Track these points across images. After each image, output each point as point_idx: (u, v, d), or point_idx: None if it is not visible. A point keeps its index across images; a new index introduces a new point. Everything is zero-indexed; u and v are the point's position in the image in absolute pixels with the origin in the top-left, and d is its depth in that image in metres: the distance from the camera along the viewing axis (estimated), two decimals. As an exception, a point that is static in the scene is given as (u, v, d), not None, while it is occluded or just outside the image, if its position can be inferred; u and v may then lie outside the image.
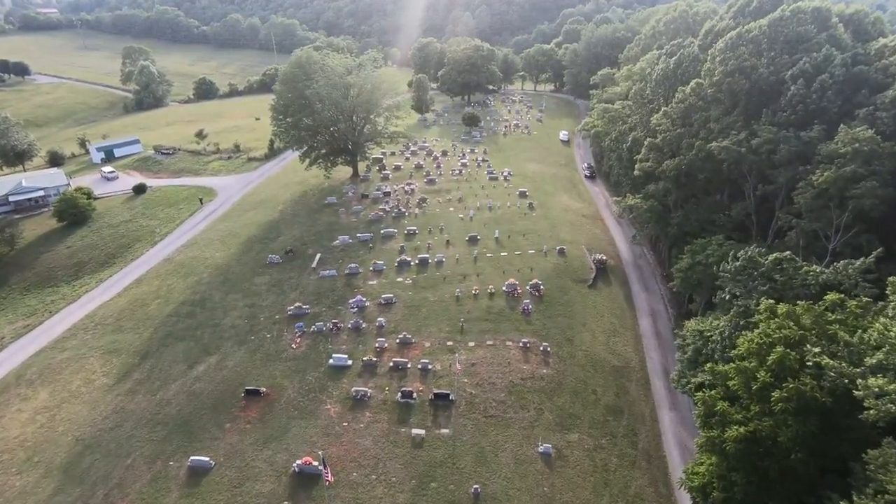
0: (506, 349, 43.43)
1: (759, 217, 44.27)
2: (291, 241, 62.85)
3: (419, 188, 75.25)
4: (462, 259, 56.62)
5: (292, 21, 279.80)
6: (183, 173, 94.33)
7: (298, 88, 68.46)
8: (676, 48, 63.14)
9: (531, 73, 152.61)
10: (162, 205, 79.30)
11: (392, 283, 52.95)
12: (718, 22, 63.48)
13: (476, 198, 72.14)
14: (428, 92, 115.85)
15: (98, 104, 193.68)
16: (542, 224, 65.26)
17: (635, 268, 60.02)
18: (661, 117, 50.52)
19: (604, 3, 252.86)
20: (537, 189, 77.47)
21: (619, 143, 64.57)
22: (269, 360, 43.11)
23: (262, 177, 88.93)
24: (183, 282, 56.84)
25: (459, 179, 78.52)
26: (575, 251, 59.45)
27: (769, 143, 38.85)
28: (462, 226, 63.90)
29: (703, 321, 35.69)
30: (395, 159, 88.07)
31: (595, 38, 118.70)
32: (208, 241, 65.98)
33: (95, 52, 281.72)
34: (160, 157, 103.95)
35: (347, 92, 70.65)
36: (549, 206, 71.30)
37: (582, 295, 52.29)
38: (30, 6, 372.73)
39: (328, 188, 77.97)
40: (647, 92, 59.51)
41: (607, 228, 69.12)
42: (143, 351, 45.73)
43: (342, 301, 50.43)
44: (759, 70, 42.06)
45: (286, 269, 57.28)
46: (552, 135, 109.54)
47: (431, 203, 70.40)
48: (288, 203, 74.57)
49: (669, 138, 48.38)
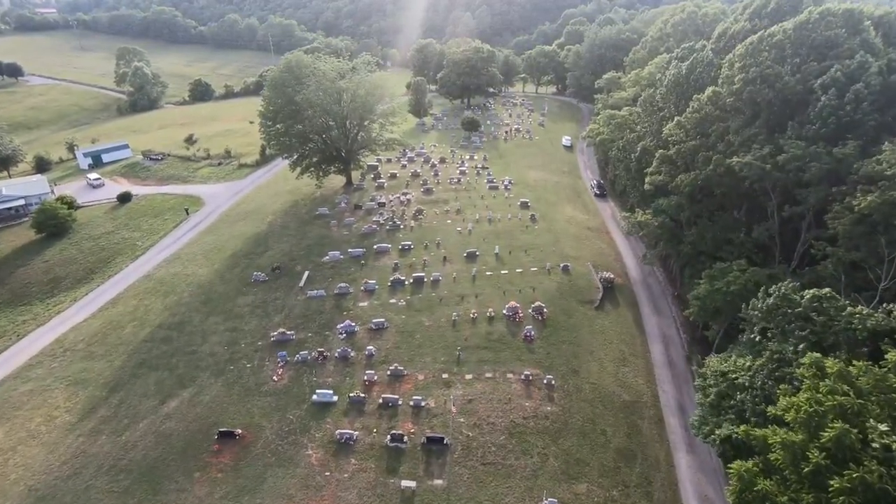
0: (506, 382, 39.76)
1: (784, 238, 40.52)
2: (279, 257, 59.24)
3: (415, 198, 71.59)
4: (460, 278, 52.96)
5: (290, 21, 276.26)
6: (171, 180, 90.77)
7: (288, 94, 64.77)
8: (688, 52, 59.43)
9: (532, 74, 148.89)
10: (146, 215, 75.72)
11: (384, 304, 49.30)
12: (732, 24, 59.75)
13: (475, 209, 68.47)
14: (426, 95, 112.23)
15: (92, 106, 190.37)
16: (545, 238, 61.58)
17: (644, 286, 56.31)
18: (675, 127, 46.77)
19: (606, 4, 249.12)
20: (539, 199, 73.78)
21: (626, 152, 60.84)
22: (247, 395, 39.46)
23: (252, 185, 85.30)
24: (162, 302, 53.22)
25: (458, 189, 74.85)
26: (580, 268, 55.77)
27: (797, 160, 35.13)
28: (460, 240, 60.24)
29: (727, 360, 31.98)
30: (391, 167, 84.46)
31: (599, 40, 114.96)
32: (192, 255, 62.36)
33: (91, 52, 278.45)
34: (148, 162, 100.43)
35: (340, 97, 67.03)
36: (552, 218, 67.61)
37: (588, 318, 48.60)
38: (28, 6, 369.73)
39: (320, 198, 74.34)
40: (658, 99, 55.77)
41: (614, 242, 65.40)
42: (113, 382, 42.10)
43: (330, 325, 46.77)
44: (783, 78, 38.33)
45: (272, 289, 53.65)
46: (555, 140, 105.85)
47: (428, 215, 66.74)
48: (278, 214, 70.92)
49: (683, 150, 44.65)
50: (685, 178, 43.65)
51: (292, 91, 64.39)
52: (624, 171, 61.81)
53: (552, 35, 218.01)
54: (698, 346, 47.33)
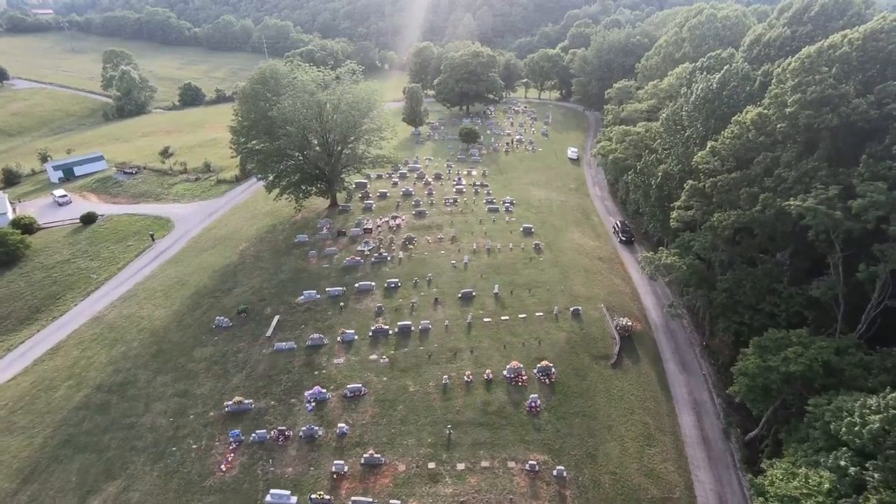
0: (507, 475, 32.29)
1: (849, 297, 32.91)
2: (247, 296, 51.82)
3: (406, 223, 64.11)
4: (453, 326, 45.48)
5: (286, 23, 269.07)
6: (143, 198, 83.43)
7: (261, 108, 57.33)
8: (715, 62, 51.97)
9: (535, 80, 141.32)
10: (109, 240, 68.36)
11: (363, 362, 41.82)
12: (767, 30, 52.26)
13: (472, 236, 60.99)
14: (422, 103, 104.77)
15: (77, 111, 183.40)
16: (552, 273, 54.09)
17: (667, 334, 48.76)
18: (707, 154, 39.23)
19: (611, 4, 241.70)
20: (544, 223, 66.28)
21: (644, 175, 53.28)
22: (186, 492, 32.02)
23: (229, 204, 77.91)
24: (107, 354, 45.82)
25: (454, 211, 67.35)
26: (593, 312, 48.24)
27: (879, 208, 27.70)
28: (454, 276, 52.77)
29: (793, 472, 24.46)
30: (381, 184, 77.00)
31: (607, 45, 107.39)
32: (150, 292, 54.99)
33: (83, 54, 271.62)
34: (122, 177, 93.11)
35: (321, 111, 59.58)
36: (558, 247, 60.10)
37: (604, 379, 41.06)
38: (24, 6, 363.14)
39: (300, 221, 66.91)
40: (683, 116, 48.20)
41: (628, 276, 57.83)
42: (29, 468, 34.71)
43: (297, 390, 39.34)
44: (851, 101, 30.83)
45: (235, 337, 46.23)
46: (559, 152, 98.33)
47: (419, 243, 59.28)
48: (252, 241, 63.51)
49: (721, 184, 37.13)
50: (723, 217, 36.10)
51: (266, 105, 56.92)
52: (642, 197, 54.20)
53: (555, 37, 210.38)
54: (736, 414, 39.81)
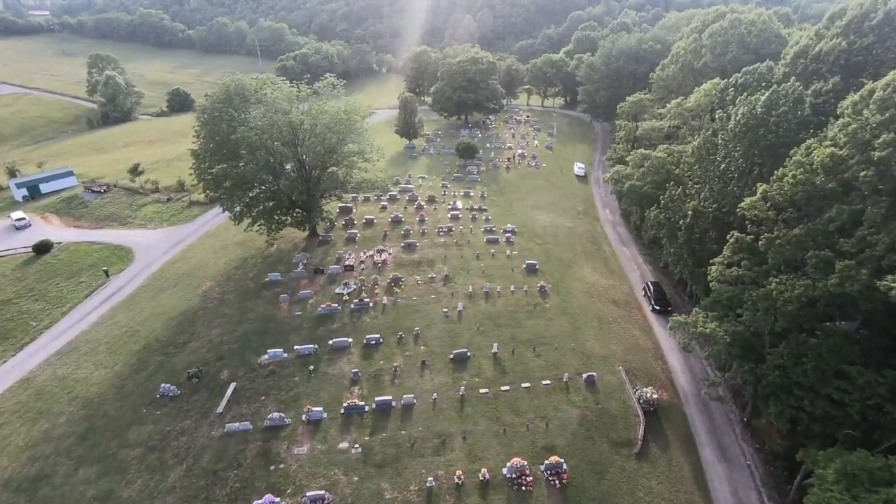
0: None
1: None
2: (203, 353, 44.14)
3: (393, 258, 56.40)
4: (443, 399, 37.74)
5: (281, 25, 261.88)
6: (107, 222, 75.82)
7: (223, 130, 49.65)
8: (752, 77, 44.10)
9: (538, 86, 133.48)
10: (61, 274, 60.70)
11: (331, 453, 34.05)
12: (814, 41, 44.32)
13: (468, 275, 53.26)
14: (416, 114, 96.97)
15: (61, 118, 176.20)
16: (560, 324, 46.33)
17: (699, 405, 40.85)
18: (759, 201, 31.42)
19: (615, 5, 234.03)
20: (550, 257, 58.53)
21: (670, 211, 45.39)
22: None
23: (199, 230, 70.21)
24: (27, 433, 38.13)
25: (447, 243, 59.62)
26: (610, 378, 40.47)
27: None
28: (446, 330, 45.01)
29: None
30: (368, 208, 69.30)
31: (616, 51, 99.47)
32: (94, 345, 47.31)
33: (73, 57, 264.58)
34: (89, 196, 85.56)
35: (295, 132, 51.89)
36: (566, 288, 52.34)
37: (628, 476, 33.25)
38: (21, 8, 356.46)
39: (275, 255, 59.25)
40: (718, 144, 40.36)
41: (648, 325, 49.94)
42: None
43: (245, 495, 31.59)
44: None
45: (181, 412, 38.50)
46: (565, 168, 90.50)
47: (408, 284, 51.56)
48: (218, 279, 55.84)
49: (779, 242, 29.32)
50: (785, 286, 28.21)
51: (228, 127, 49.22)
52: (666, 236, 46.26)
53: (558, 39, 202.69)
54: (793, 523, 32.02)
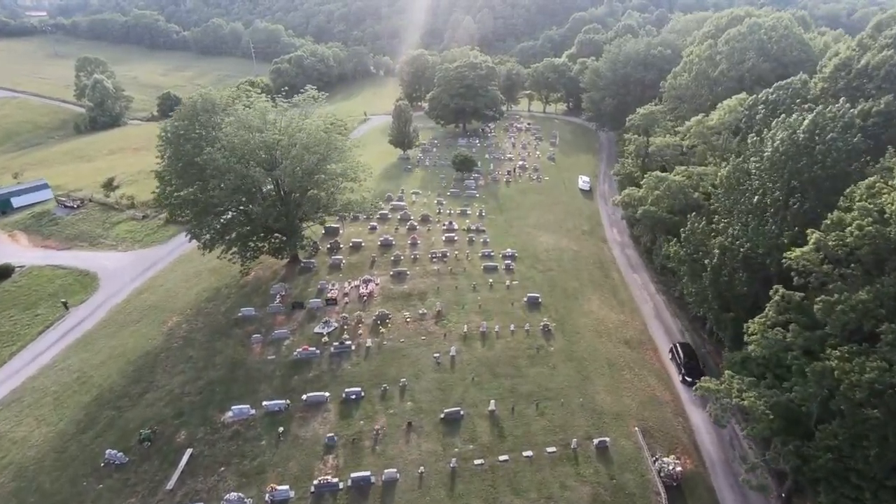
0: None
1: None
2: (160, 408, 38.72)
3: (380, 290, 50.95)
4: (430, 473, 32.30)
5: (277, 26, 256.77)
6: (77, 241, 70.53)
7: (188, 151, 44.20)
8: (786, 93, 38.60)
9: (540, 91, 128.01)
10: (17, 305, 55.37)
11: (296, 546, 28.71)
12: (859, 52, 38.80)
13: (463, 311, 47.85)
14: (411, 122, 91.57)
15: (48, 123, 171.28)
16: (566, 372, 40.91)
17: (727, 474, 35.33)
18: (812, 252, 25.96)
19: (618, 6, 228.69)
20: (554, 287, 53.12)
21: (692, 245, 39.83)
22: None
23: (172, 253, 64.93)
24: (-55, 511, 32.84)
25: (441, 271, 54.20)
26: (624, 443, 35.03)
27: None
28: (437, 381, 39.60)
29: None
30: (356, 229, 63.81)
31: (623, 56, 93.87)
32: (39, 395, 41.91)
33: (65, 59, 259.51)
34: (61, 212, 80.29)
35: (271, 153, 46.50)
36: (573, 326, 46.93)
37: (649, 577, 27.84)
38: (18, 9, 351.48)
39: (252, 284, 53.85)
40: (751, 172, 34.89)
41: (666, 372, 44.38)
42: None
43: None
44: None
45: (126, 487, 33.05)
46: (569, 181, 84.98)
47: (395, 323, 46.13)
48: (186, 313, 50.44)
49: (843, 309, 23.83)
50: (851, 368, 22.69)
51: (193, 148, 43.78)
52: (687, 275, 40.70)
53: (559, 40, 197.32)
54: None
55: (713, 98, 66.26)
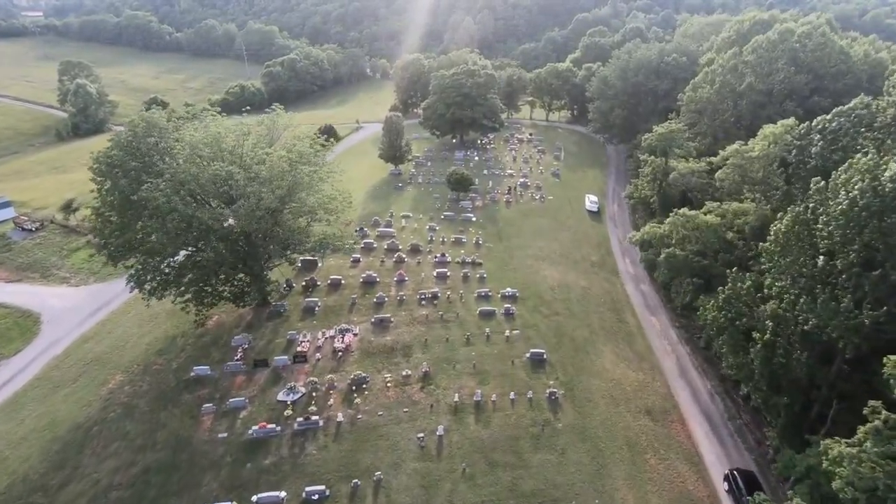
0: None
1: None
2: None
3: (359, 342, 43.67)
4: None
5: (271, 28, 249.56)
6: (27, 273, 63.29)
7: (123, 188, 36.91)
8: (848, 121, 31.29)
9: (542, 98, 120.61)
10: (-58, 355, 48.29)
11: None
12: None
13: (454, 372, 40.56)
14: (403, 136, 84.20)
15: (29, 129, 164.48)
16: (577, 459, 33.60)
17: None
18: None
19: (622, 7, 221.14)
20: (561, 338, 45.77)
21: (733, 310, 32.38)
22: None
23: (129, 292, 57.55)
24: None
25: (431, 317, 46.87)
26: (653, 568, 27.73)
27: None
28: (419, 474, 32.28)
29: None
30: (337, 261, 56.36)
31: (633, 63, 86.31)
32: (-60, 484, 34.77)
33: (53, 62, 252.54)
34: (18, 235, 73.03)
35: (226, 186, 39.18)
36: (585, 392, 39.58)
37: None
38: (14, 9, 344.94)
39: (212, 333, 46.56)
40: (817, 226, 27.49)
41: (698, 452, 36.98)
42: None
43: None
44: None
45: None
46: (575, 201, 77.48)
47: (373, 389, 38.84)
48: (132, 369, 43.22)
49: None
50: None
51: (130, 184, 36.49)
52: (727, 346, 33.31)
53: (562, 42, 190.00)
54: None
55: (737, 113, 58.91)
